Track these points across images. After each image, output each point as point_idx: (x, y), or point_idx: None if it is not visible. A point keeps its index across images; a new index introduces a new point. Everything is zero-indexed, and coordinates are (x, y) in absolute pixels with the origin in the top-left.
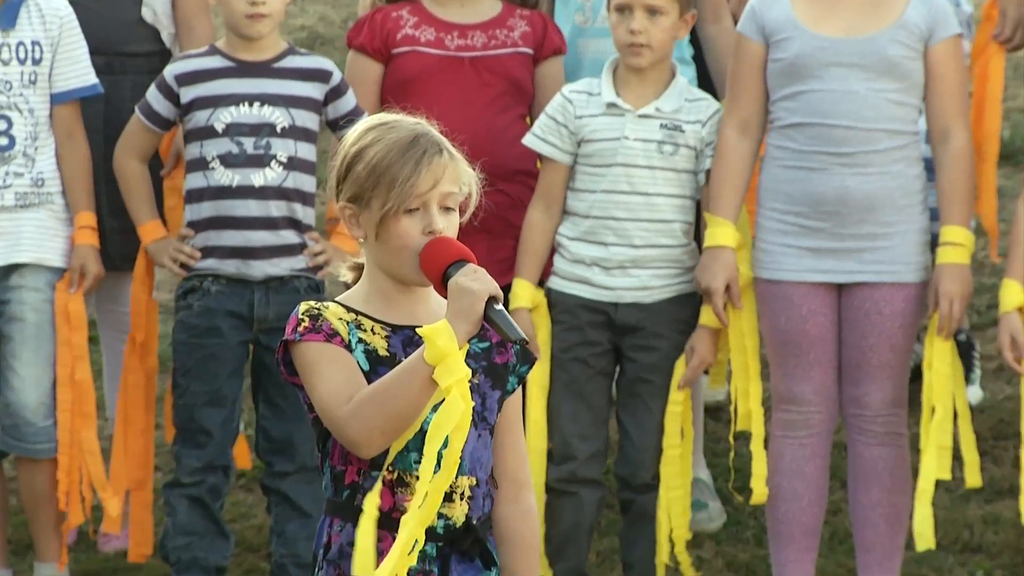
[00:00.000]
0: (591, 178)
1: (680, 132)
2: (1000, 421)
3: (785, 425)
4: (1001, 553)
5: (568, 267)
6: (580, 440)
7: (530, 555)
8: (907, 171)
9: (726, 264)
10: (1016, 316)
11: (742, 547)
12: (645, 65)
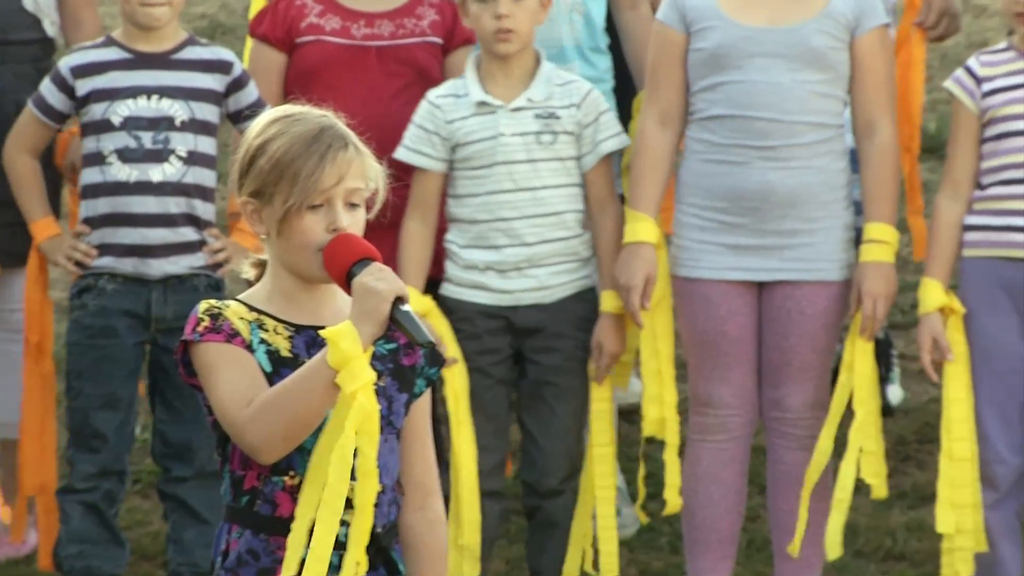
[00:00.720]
0: (472, 181)
1: (556, 119)
2: (925, 424)
3: (702, 429)
4: (925, 561)
5: (462, 273)
6: (482, 452)
7: (437, 564)
8: (831, 165)
9: (646, 261)
10: (937, 317)
11: (656, 554)
12: (513, 51)
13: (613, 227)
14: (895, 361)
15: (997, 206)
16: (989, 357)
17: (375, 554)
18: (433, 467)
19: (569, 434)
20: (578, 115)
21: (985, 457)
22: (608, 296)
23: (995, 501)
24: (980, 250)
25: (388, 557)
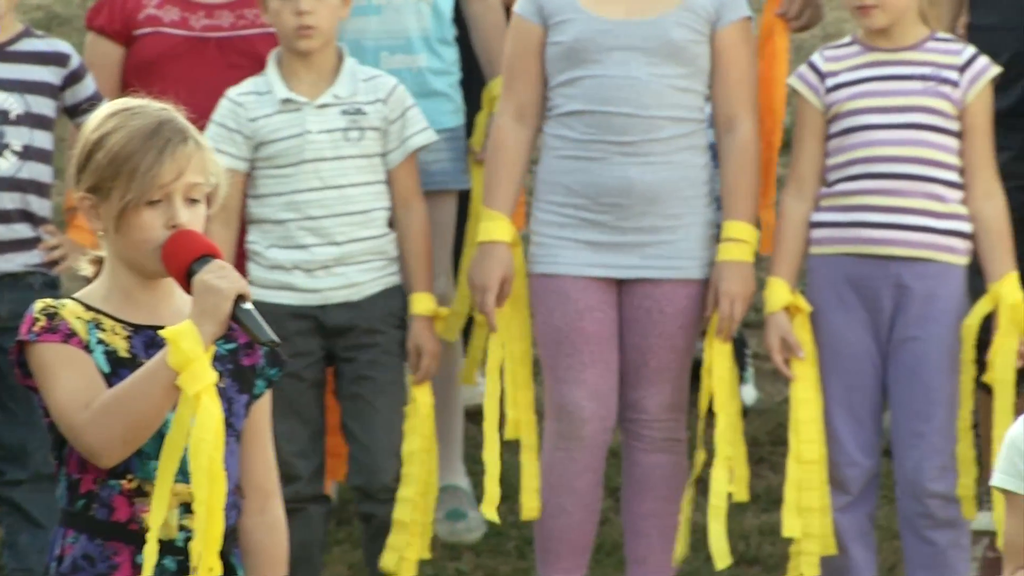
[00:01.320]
0: (276, 180)
1: (363, 115)
2: (778, 425)
3: (558, 435)
4: (778, 565)
5: (267, 274)
6: (300, 459)
7: (276, 568)
8: (693, 160)
9: (501, 260)
10: (784, 316)
11: (503, 559)
12: (315, 48)
13: (418, 227)
14: (749, 361)
15: (844, 202)
16: (838, 356)
17: None
18: (273, 469)
19: (392, 429)
20: (384, 111)
21: (836, 459)
22: (419, 299)
23: (847, 504)
24: (827, 247)
25: (227, 563)
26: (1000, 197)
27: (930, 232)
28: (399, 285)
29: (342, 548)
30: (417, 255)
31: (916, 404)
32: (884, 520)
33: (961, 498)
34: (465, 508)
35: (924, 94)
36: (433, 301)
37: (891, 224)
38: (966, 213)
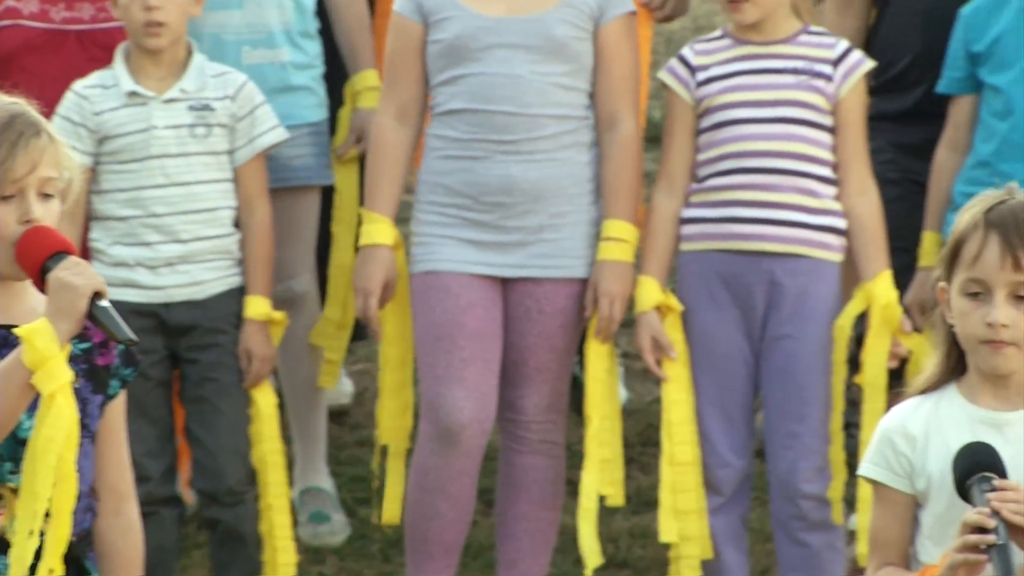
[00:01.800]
0: (120, 176)
1: (210, 111)
2: (649, 426)
3: (433, 438)
4: (649, 569)
5: (110, 272)
6: (150, 459)
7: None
8: (576, 158)
9: (383, 263)
10: (655, 316)
11: (367, 562)
12: (164, 45)
13: (260, 229)
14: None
15: (715, 197)
16: (710, 355)
17: (67, 563)
18: (128, 471)
19: (237, 431)
20: (233, 107)
21: (708, 460)
22: (253, 302)
23: (719, 506)
24: (698, 244)
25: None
26: (874, 193)
27: (803, 228)
28: (243, 286)
29: (202, 552)
30: (256, 258)
31: (789, 404)
32: (757, 522)
33: (832, 501)
34: (328, 511)
35: (796, 88)
36: (268, 305)
37: (763, 219)
38: (840, 209)
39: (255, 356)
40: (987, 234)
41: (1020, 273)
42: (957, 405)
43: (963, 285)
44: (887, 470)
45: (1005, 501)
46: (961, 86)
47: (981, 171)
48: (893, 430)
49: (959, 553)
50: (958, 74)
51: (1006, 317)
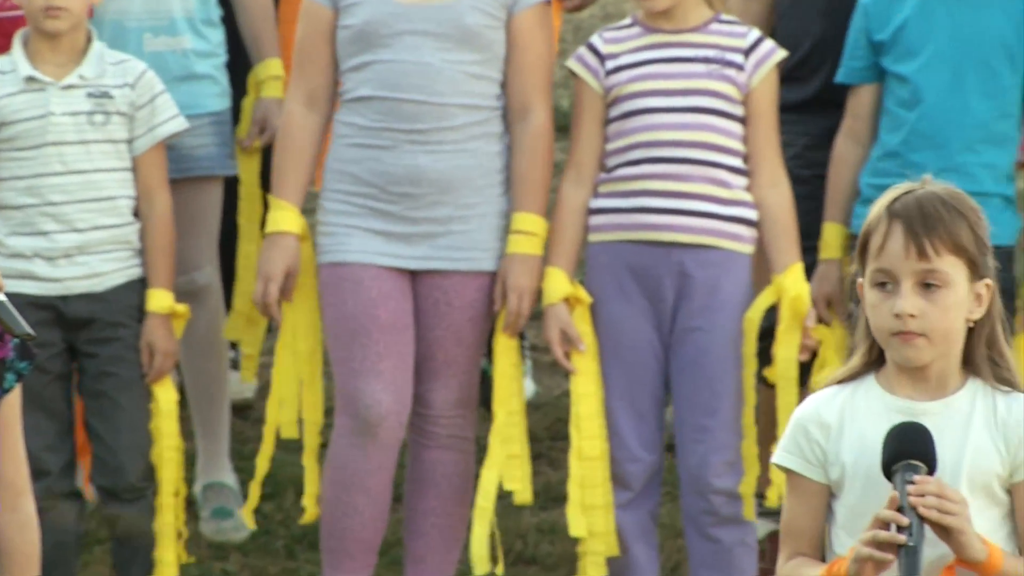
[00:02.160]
0: (16, 163)
1: (109, 99)
2: (557, 420)
3: (351, 432)
4: (557, 565)
5: (7, 263)
6: (49, 453)
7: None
8: (486, 148)
9: (287, 251)
10: (563, 307)
11: (271, 559)
12: (64, 30)
13: (160, 219)
14: (527, 353)
15: (624, 187)
16: (619, 348)
17: None
18: (24, 465)
19: (137, 427)
20: (132, 95)
21: (617, 455)
22: (155, 295)
23: (628, 501)
24: (607, 234)
25: None
26: (785, 186)
27: (713, 218)
28: (143, 278)
29: (104, 548)
30: (157, 249)
31: (700, 398)
32: (667, 518)
33: (743, 496)
34: (231, 506)
35: (707, 77)
36: (170, 298)
37: (673, 209)
38: (751, 200)
39: (157, 350)
40: (891, 224)
41: (925, 262)
42: (874, 395)
43: (872, 277)
44: (800, 458)
45: (923, 496)
46: (862, 75)
47: (890, 162)
48: (807, 418)
49: (866, 547)
50: (859, 63)
51: (913, 307)
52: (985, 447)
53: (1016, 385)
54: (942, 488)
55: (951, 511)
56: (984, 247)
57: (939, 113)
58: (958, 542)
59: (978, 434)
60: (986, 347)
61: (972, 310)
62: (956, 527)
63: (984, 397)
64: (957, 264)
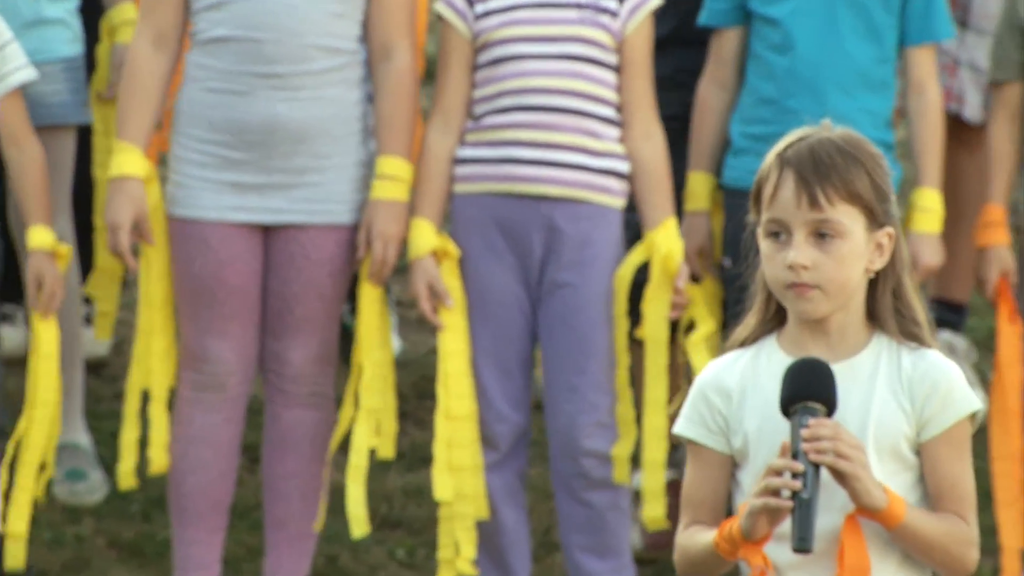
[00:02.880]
0: None
1: None
2: (423, 378)
3: (196, 386)
4: (424, 529)
5: None
6: None
7: None
8: (346, 96)
9: (132, 197)
10: (431, 261)
11: (128, 523)
12: None
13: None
14: (393, 309)
15: (492, 137)
16: (485, 304)
17: None
18: None
19: None
20: None
21: (484, 415)
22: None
23: (495, 462)
24: (474, 185)
25: None
26: (659, 138)
27: (584, 171)
28: None
29: None
30: (31, 187)
31: (569, 356)
32: (538, 480)
33: (615, 459)
34: (85, 467)
35: (580, 24)
36: (51, 236)
37: (542, 161)
38: (623, 152)
39: (46, 281)
40: (782, 172)
41: (818, 211)
42: (776, 359)
43: (765, 227)
44: (702, 427)
45: (817, 441)
46: (727, 18)
47: (764, 110)
48: (707, 385)
49: (759, 498)
50: (723, 4)
51: (805, 258)
52: (890, 407)
53: (923, 340)
54: (837, 432)
55: (846, 455)
56: (884, 194)
57: (814, 57)
58: (854, 488)
59: (882, 394)
60: (892, 298)
61: (872, 260)
62: (851, 473)
63: (889, 354)
64: (853, 213)
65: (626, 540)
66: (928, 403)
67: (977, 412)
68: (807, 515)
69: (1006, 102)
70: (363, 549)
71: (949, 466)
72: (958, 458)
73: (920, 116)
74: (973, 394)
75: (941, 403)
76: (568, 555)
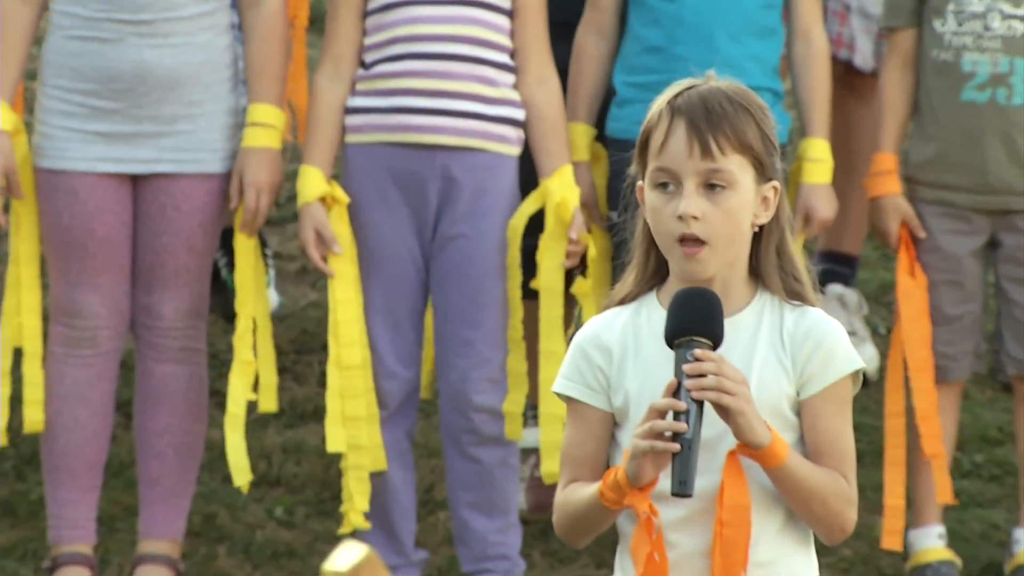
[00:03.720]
0: None
1: None
2: (303, 332)
3: (67, 342)
4: (304, 486)
5: None
6: None
7: None
8: (215, 42)
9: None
10: (320, 207)
11: (0, 482)
12: None
13: None
14: (270, 262)
15: (384, 85)
16: (376, 257)
17: None
18: None
19: None
20: None
21: (373, 370)
22: None
23: (384, 419)
24: (365, 135)
25: None
26: (554, 83)
27: (479, 119)
28: None
29: None
30: None
31: (462, 309)
32: (420, 436)
33: (506, 415)
34: None
35: None
36: None
37: (436, 110)
38: (518, 99)
39: None
40: (673, 121)
41: (710, 161)
42: (657, 317)
43: (653, 177)
44: (582, 385)
45: (700, 377)
46: None
47: (651, 58)
48: (587, 342)
49: (643, 440)
50: None
51: (696, 208)
52: (771, 365)
53: (806, 298)
54: (721, 367)
55: (729, 390)
56: (772, 147)
57: (701, 3)
58: (738, 424)
59: (764, 352)
60: (775, 255)
61: (758, 214)
62: (735, 408)
63: (771, 312)
64: (743, 164)
65: (514, 499)
66: (810, 361)
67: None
68: (688, 458)
69: (898, 49)
70: (241, 507)
71: (829, 422)
72: (839, 416)
73: (806, 64)
74: (856, 353)
75: (823, 361)
76: (454, 513)
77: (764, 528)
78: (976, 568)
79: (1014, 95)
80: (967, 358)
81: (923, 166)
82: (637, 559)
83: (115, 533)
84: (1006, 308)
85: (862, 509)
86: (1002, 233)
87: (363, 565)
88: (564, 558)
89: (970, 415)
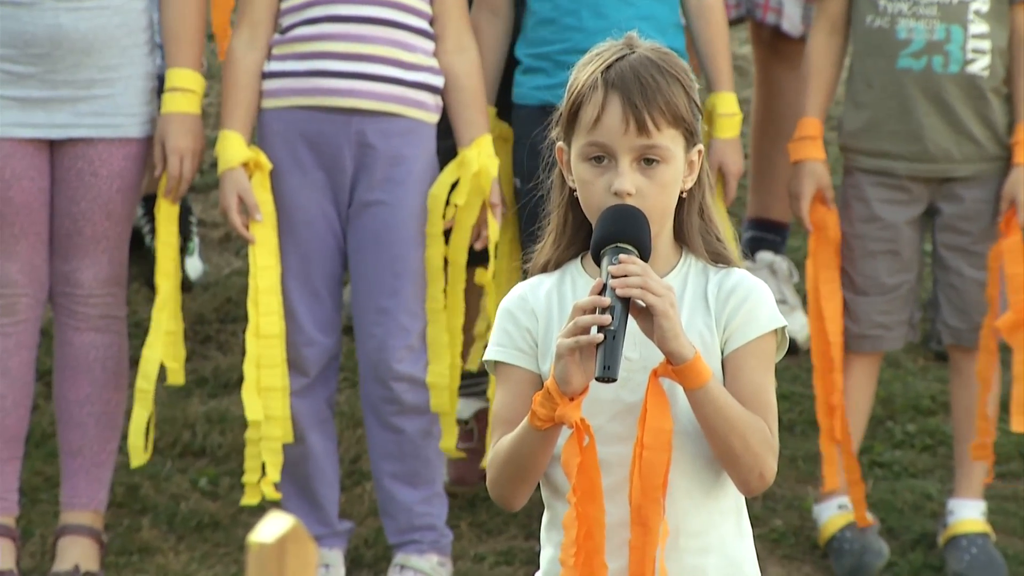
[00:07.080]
0: None
1: None
2: (227, 300)
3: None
4: (228, 457)
5: None
6: None
7: None
8: (131, 5)
9: None
10: (241, 173)
11: None
12: None
13: None
14: (194, 230)
15: (301, 49)
16: (293, 223)
17: None
18: None
19: None
20: None
21: (293, 339)
22: None
23: (303, 387)
24: (281, 100)
25: None
26: (473, 51)
27: (397, 84)
28: None
29: None
30: None
31: (380, 277)
32: (346, 406)
33: (431, 386)
34: None
35: None
36: None
37: (353, 73)
38: (437, 66)
39: None
40: (607, 95)
41: (645, 137)
42: (581, 283)
43: (584, 150)
44: (512, 348)
45: (625, 276)
46: None
47: (546, 30)
48: (513, 305)
49: (568, 338)
50: None
51: (631, 184)
52: (696, 327)
53: (729, 260)
54: (647, 270)
55: (655, 290)
56: (698, 111)
57: None
58: (662, 328)
59: (689, 314)
60: (698, 217)
61: (686, 179)
62: (660, 309)
63: (696, 276)
64: (676, 136)
65: (439, 469)
66: (732, 318)
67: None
68: (614, 347)
69: (827, 14)
70: (165, 478)
71: (751, 375)
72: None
73: (700, 15)
74: (778, 312)
75: (745, 317)
76: (378, 484)
77: (691, 493)
78: (909, 539)
79: (950, 63)
80: (901, 327)
81: (857, 134)
82: (569, 471)
83: (37, 504)
84: (944, 276)
85: (793, 480)
86: (940, 201)
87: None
88: (492, 529)
89: (902, 384)
